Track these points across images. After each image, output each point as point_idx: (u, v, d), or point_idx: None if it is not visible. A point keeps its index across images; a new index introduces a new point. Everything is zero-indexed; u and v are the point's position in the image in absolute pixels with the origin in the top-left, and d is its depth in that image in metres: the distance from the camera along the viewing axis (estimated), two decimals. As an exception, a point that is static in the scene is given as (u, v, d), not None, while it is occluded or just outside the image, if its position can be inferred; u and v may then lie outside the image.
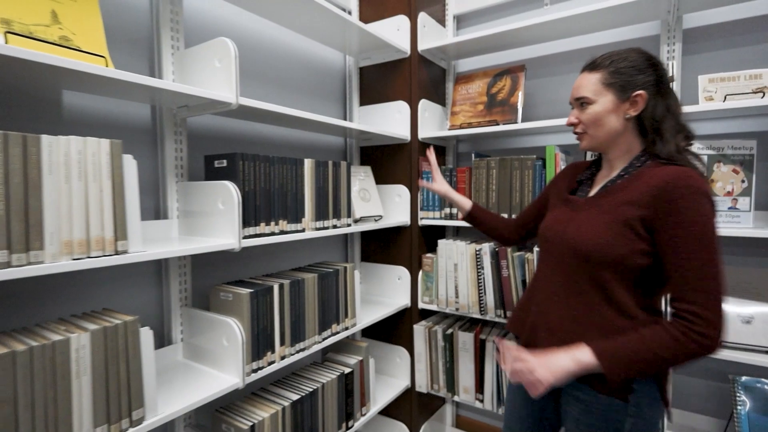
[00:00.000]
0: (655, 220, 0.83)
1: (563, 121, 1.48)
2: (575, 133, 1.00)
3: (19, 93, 0.95)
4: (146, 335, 0.89)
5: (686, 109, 1.27)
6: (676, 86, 1.47)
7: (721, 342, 0.78)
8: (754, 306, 1.30)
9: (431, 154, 1.44)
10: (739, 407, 1.31)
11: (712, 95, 1.29)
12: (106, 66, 0.87)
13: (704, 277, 0.79)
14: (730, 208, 1.30)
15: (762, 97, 1.21)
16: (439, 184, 1.41)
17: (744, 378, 1.33)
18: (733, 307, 1.32)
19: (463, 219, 1.38)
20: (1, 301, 0.93)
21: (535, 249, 1.55)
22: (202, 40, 1.33)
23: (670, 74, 1.03)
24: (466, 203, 1.37)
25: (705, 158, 1.33)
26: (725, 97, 1.26)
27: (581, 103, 0.95)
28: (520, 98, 1.67)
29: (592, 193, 1.00)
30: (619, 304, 0.87)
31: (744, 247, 1.44)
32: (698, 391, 1.54)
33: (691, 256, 0.79)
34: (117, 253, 0.84)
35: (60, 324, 0.85)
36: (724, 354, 1.25)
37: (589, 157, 1.43)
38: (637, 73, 0.90)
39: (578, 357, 0.84)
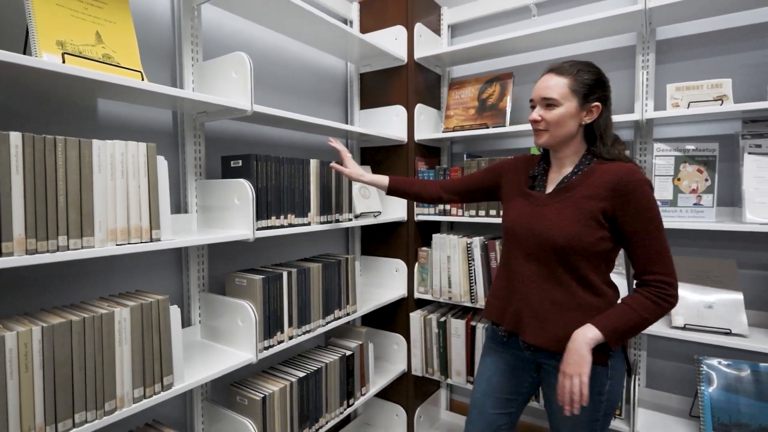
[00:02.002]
0: (614, 211, 1.00)
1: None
2: (537, 129, 1.08)
3: (62, 102, 1.09)
4: (175, 312, 1.03)
5: (655, 114, 1.42)
6: (649, 92, 1.61)
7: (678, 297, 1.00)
8: (716, 293, 1.44)
9: (336, 142, 1.44)
10: (702, 385, 1.45)
11: (678, 102, 1.43)
12: (142, 80, 1.01)
13: (662, 251, 0.99)
14: (694, 204, 1.44)
15: (721, 105, 1.35)
16: (350, 168, 1.42)
17: (706, 359, 1.47)
18: (696, 294, 1.46)
19: (388, 194, 1.44)
20: (52, 281, 1.07)
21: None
22: (218, 52, 1.46)
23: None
24: (383, 180, 1.42)
25: (672, 159, 1.47)
26: (689, 104, 1.40)
27: (547, 103, 1.04)
28: (508, 103, 1.80)
29: (550, 189, 1.11)
30: (589, 284, 1.03)
31: (707, 240, 1.58)
32: (667, 372, 1.68)
33: (650, 237, 0.98)
34: (152, 240, 0.98)
35: (102, 301, 0.99)
36: (689, 335, 1.39)
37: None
38: (596, 87, 1.03)
39: (585, 335, 0.97)
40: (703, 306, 1.44)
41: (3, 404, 0.75)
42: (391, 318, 2.02)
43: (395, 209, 1.95)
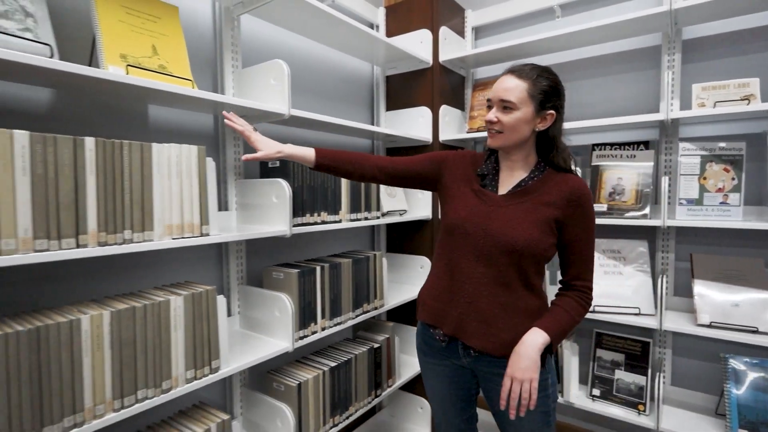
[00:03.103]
0: (565, 219, 1.04)
1: (572, 125, 1.64)
2: (491, 130, 1.06)
3: (117, 108, 1.19)
4: (221, 302, 1.12)
5: (681, 114, 1.44)
6: (675, 91, 1.62)
7: None
8: (742, 291, 1.45)
9: (233, 117, 1.14)
10: (728, 384, 1.46)
11: (705, 101, 1.44)
12: (192, 87, 1.10)
13: (591, 260, 1.08)
14: (721, 203, 1.45)
15: (747, 104, 1.36)
16: (263, 149, 1.12)
17: (733, 357, 1.48)
18: (723, 293, 1.47)
19: (315, 169, 1.19)
20: (114, 272, 1.17)
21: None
22: (254, 59, 1.55)
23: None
24: (309, 153, 1.16)
25: (698, 158, 1.48)
26: (715, 104, 1.41)
27: (504, 106, 1.03)
28: (532, 104, 1.84)
29: (503, 190, 1.10)
30: (533, 288, 1.07)
31: (733, 239, 1.58)
32: (692, 370, 1.68)
33: (589, 247, 1.07)
34: (201, 235, 1.07)
35: (157, 290, 1.08)
36: (715, 333, 1.41)
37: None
38: (552, 94, 1.03)
39: (536, 340, 0.99)
40: (729, 304, 1.45)
41: (80, 379, 0.85)
42: (415, 314, 2.08)
43: (420, 208, 2.01)
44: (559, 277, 1.12)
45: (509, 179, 1.10)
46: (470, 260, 1.06)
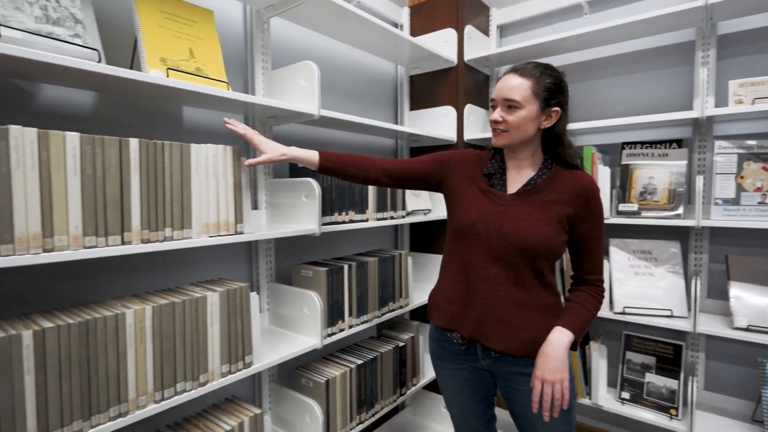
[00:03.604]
0: (576, 216, 1.05)
1: (600, 123, 1.62)
2: (496, 129, 1.06)
3: (154, 110, 1.23)
4: (254, 298, 1.14)
5: (717, 111, 1.40)
6: (709, 88, 1.58)
7: None
8: (782, 294, 1.40)
9: (235, 123, 1.10)
10: (766, 388, 1.42)
11: (742, 98, 1.40)
12: (227, 89, 1.12)
13: (602, 255, 1.09)
14: (759, 203, 1.41)
15: (789, 101, 1.31)
16: (267, 152, 1.11)
17: (772, 360, 1.43)
18: (761, 296, 1.42)
19: (319, 171, 1.17)
20: (154, 268, 1.22)
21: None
22: (282, 61, 1.58)
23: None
24: (313, 156, 1.14)
25: (735, 156, 1.44)
26: (754, 100, 1.37)
27: (509, 105, 1.02)
28: (559, 102, 1.81)
29: (512, 189, 1.09)
30: (548, 285, 1.07)
31: (773, 240, 1.53)
32: (728, 374, 1.64)
33: (599, 243, 1.07)
34: (236, 233, 1.10)
35: (194, 287, 1.12)
36: (753, 337, 1.37)
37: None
38: (556, 91, 1.02)
39: (562, 339, 1.00)
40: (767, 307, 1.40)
41: (124, 371, 0.88)
42: (439, 313, 2.08)
43: (444, 208, 2.00)
44: (571, 273, 1.14)
45: (517, 178, 1.10)
46: (484, 261, 1.06)
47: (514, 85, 1.01)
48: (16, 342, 0.74)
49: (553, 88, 1.02)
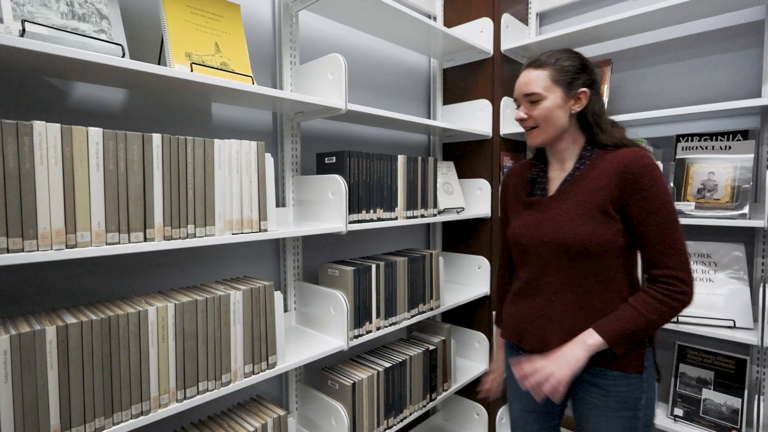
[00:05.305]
0: (623, 199, 0.92)
1: (652, 114, 1.48)
2: (526, 128, 1.02)
3: (182, 106, 1.23)
4: (278, 298, 1.12)
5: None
6: (782, 74, 1.40)
7: (693, 295, 0.90)
8: None
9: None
10: None
11: (823, 82, 1.23)
12: (252, 84, 1.10)
13: (673, 242, 0.89)
14: (843, 201, 1.23)
15: None
16: (497, 378, 1.27)
17: None
18: None
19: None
20: (177, 265, 1.22)
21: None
22: (310, 55, 1.55)
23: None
24: (497, 337, 1.28)
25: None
26: (838, 84, 1.20)
27: (531, 99, 0.98)
28: (605, 92, 1.68)
29: (553, 189, 1.03)
30: (613, 284, 0.95)
31: None
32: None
33: (661, 227, 0.89)
34: (260, 230, 1.07)
35: (218, 284, 1.10)
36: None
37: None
38: (579, 72, 0.96)
39: (585, 340, 0.91)
40: None
41: (146, 369, 0.87)
42: (472, 316, 2.00)
43: (478, 206, 1.91)
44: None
45: (559, 174, 1.04)
46: (534, 272, 1.02)
47: (532, 78, 0.98)
48: (39, 337, 0.74)
49: (573, 70, 0.96)
